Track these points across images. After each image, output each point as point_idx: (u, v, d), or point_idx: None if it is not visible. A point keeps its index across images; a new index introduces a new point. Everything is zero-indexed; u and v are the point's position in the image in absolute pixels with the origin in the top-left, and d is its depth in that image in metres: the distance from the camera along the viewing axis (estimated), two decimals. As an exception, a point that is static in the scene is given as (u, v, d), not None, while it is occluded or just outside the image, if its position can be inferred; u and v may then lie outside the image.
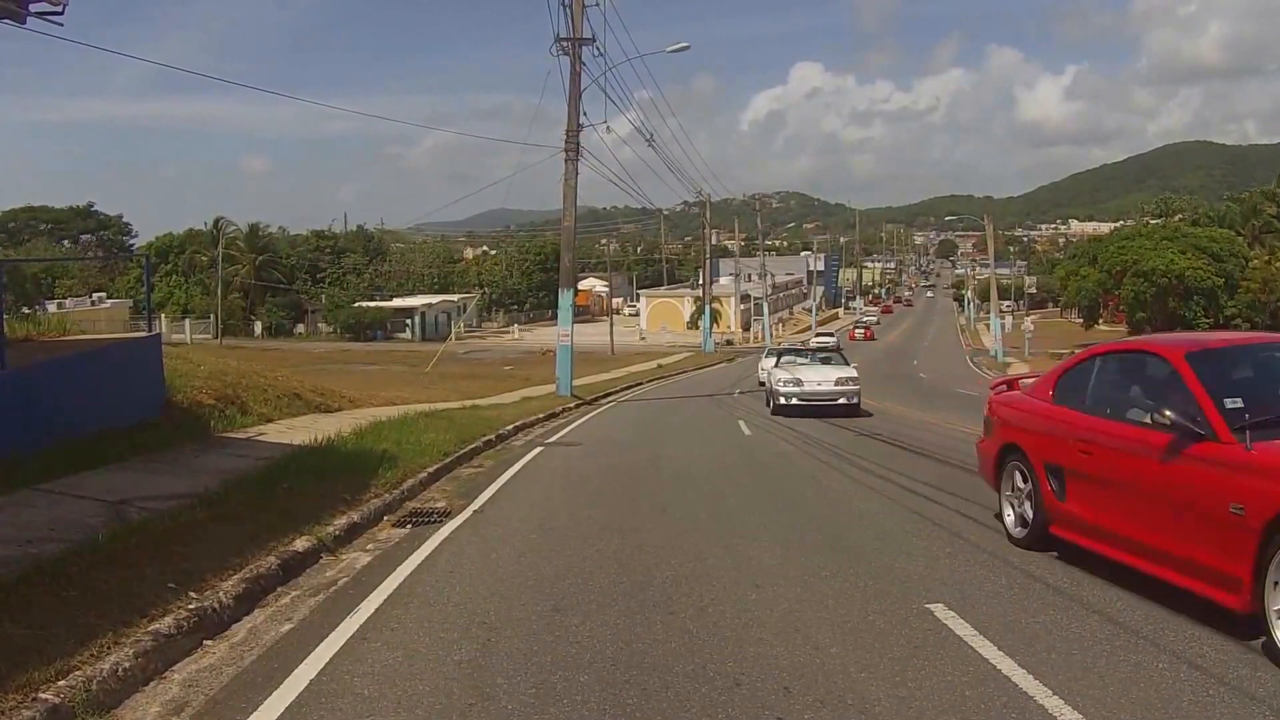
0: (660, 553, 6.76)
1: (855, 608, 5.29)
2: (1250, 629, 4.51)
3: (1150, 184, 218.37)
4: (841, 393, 19.27)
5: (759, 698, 4.02)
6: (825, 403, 19.11)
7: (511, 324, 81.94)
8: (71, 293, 69.01)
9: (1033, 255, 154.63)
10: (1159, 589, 5.23)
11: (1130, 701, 3.88)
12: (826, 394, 19.30)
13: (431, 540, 7.29)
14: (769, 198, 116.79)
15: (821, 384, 19.50)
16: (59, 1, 7.88)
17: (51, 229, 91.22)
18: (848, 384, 19.52)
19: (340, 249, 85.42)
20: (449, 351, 49.81)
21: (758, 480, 10.61)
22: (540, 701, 4.02)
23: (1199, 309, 57.42)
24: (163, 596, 5.04)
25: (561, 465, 12.09)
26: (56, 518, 6.66)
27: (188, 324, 66.85)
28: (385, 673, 4.42)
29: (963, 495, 8.78)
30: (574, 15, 23.27)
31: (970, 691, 4.01)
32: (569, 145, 23.58)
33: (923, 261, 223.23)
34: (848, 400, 19.20)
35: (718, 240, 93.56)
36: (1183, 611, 5.00)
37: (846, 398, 19.20)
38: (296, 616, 5.40)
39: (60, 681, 3.91)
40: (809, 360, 22.04)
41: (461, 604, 5.55)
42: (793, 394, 19.29)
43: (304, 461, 9.51)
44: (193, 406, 12.46)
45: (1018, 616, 5.04)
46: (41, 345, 11.97)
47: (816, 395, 19.25)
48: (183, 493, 7.64)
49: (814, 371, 20.35)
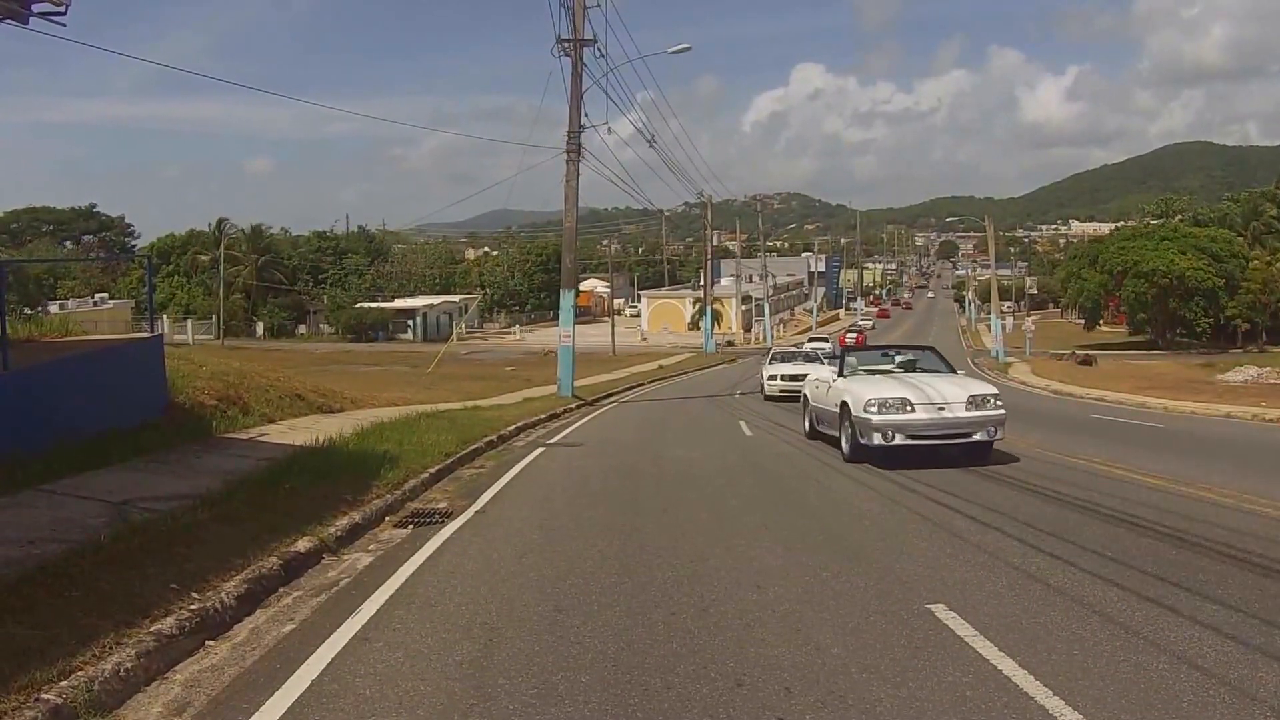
0: (662, 553, 6.76)
1: (856, 608, 5.29)
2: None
3: (1151, 185, 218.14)
4: (978, 423, 10.87)
5: (760, 698, 4.02)
6: (950, 439, 10.99)
7: (513, 325, 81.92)
8: (74, 294, 69.08)
9: (1033, 256, 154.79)
10: (1160, 588, 5.23)
11: (1130, 701, 3.88)
12: (955, 426, 10.89)
13: (433, 541, 7.30)
14: (770, 199, 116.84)
15: (946, 408, 10.87)
16: (61, 2, 7.90)
17: (54, 230, 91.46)
18: (986, 406, 10.94)
19: (342, 250, 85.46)
20: (450, 352, 49.81)
21: (759, 481, 10.61)
22: (542, 702, 4.02)
23: (1199, 309, 57.39)
24: (165, 597, 5.05)
25: (563, 466, 12.09)
26: (59, 518, 6.67)
27: (190, 325, 66.89)
28: (387, 673, 4.43)
29: (964, 496, 8.79)
30: (575, 16, 23.30)
31: (971, 692, 4.01)
32: (570, 146, 23.60)
33: (924, 263, 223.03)
34: (988, 435, 10.93)
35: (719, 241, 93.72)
36: (1183, 611, 5.01)
37: (986, 430, 10.90)
38: (298, 617, 5.41)
39: (62, 682, 3.92)
40: (897, 368, 13.25)
41: (463, 604, 5.56)
42: (896, 426, 10.76)
43: (306, 462, 9.53)
44: (195, 407, 12.48)
45: (1018, 617, 5.04)
46: (44, 346, 11.99)
47: (937, 429, 10.86)
48: (185, 493, 7.66)
49: (926, 387, 11.20)
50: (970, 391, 11.09)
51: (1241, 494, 8.56)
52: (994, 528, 7.31)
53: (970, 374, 14.49)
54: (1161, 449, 13.05)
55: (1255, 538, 6.69)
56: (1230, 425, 17.49)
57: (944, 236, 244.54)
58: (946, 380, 11.76)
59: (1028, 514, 7.78)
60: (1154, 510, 7.88)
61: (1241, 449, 13.33)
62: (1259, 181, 75.69)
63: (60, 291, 70.06)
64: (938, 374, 12.41)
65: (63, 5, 7.92)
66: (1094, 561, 6.14)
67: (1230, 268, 57.15)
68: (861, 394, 11.16)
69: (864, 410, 10.88)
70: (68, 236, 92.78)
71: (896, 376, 12.25)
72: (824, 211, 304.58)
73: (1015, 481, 9.75)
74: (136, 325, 44.40)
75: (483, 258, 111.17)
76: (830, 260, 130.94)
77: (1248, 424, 17.60)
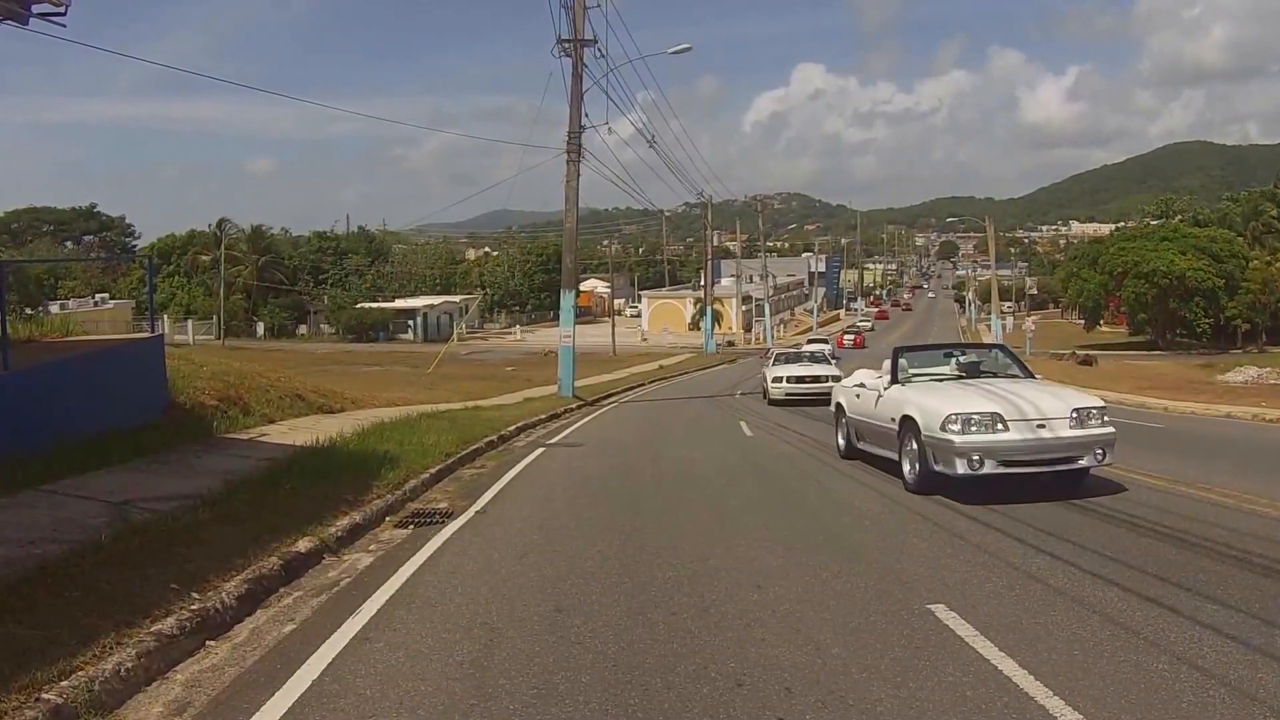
0: (662, 553, 6.77)
1: (857, 608, 5.29)
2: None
3: (1151, 185, 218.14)
4: (1084, 445, 8.50)
5: (761, 698, 4.02)
6: (1050, 466, 8.59)
7: (513, 325, 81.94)
8: (74, 294, 69.09)
9: (1034, 256, 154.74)
10: (1160, 588, 5.23)
11: (1130, 701, 3.88)
12: (1057, 449, 8.47)
13: (434, 541, 7.31)
14: (770, 199, 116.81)
15: (1046, 425, 8.49)
16: (61, 2, 7.91)
17: (54, 230, 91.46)
18: (1092, 423, 8.61)
19: (343, 250, 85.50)
20: (451, 352, 49.80)
21: (759, 481, 10.61)
22: (542, 702, 4.03)
23: (1199, 310, 57.37)
24: (165, 597, 5.06)
25: (563, 466, 12.10)
26: (60, 518, 6.68)
27: (190, 325, 66.91)
28: (388, 673, 4.44)
29: (962, 496, 8.77)
30: (575, 17, 23.31)
31: (971, 692, 4.02)
32: (571, 146, 23.61)
33: (924, 263, 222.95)
34: (1094, 460, 8.57)
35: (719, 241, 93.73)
36: (1183, 611, 5.01)
37: (1093, 454, 8.53)
38: (299, 617, 5.42)
39: (63, 682, 3.93)
40: (960, 370, 10.61)
41: (464, 604, 5.57)
42: (986, 449, 8.30)
43: (306, 462, 9.54)
44: (195, 407, 12.48)
45: (1019, 617, 5.04)
46: (45, 346, 11.99)
47: (1036, 453, 8.44)
48: (185, 493, 7.66)
49: (1017, 399, 8.75)
50: (1073, 404, 8.67)
51: (1242, 494, 8.55)
52: (994, 528, 7.31)
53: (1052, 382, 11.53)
54: (1162, 449, 13.03)
55: (1256, 538, 6.69)
56: (1231, 425, 17.47)
57: (944, 237, 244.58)
58: (1036, 389, 9.32)
59: (1026, 514, 7.78)
60: (1154, 510, 7.88)
61: (1242, 449, 13.32)
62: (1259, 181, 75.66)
63: (61, 292, 70.07)
64: (1014, 380, 9.92)
65: (62, 6, 7.93)
66: (1094, 561, 6.14)
67: (1230, 268, 57.13)
68: (938, 408, 8.67)
69: (943, 429, 8.41)
70: (68, 236, 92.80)
71: (969, 383, 9.74)
72: (824, 212, 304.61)
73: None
74: (137, 325, 44.42)
75: (483, 258, 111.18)
76: (830, 260, 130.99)
77: (1248, 424, 17.58)
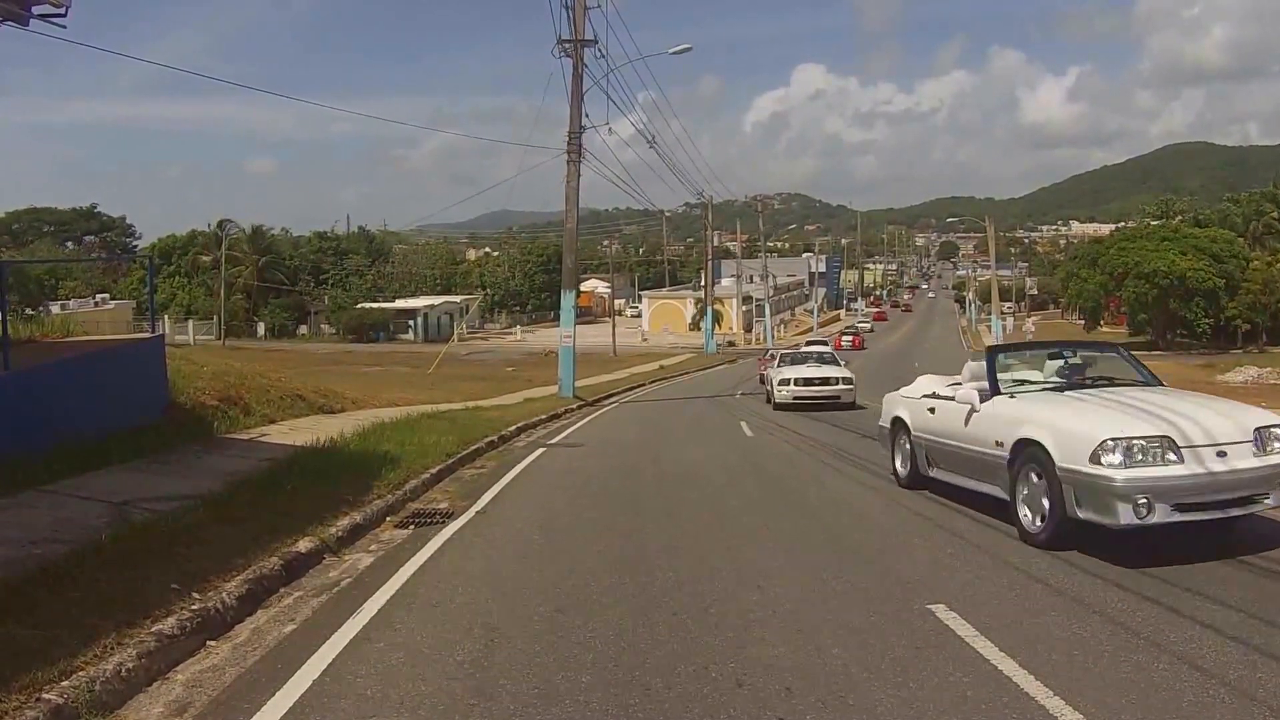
0: (662, 553, 6.77)
1: (857, 608, 5.29)
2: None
3: (1151, 185, 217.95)
4: (1271, 479, 6.36)
5: (761, 698, 4.03)
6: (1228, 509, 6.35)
7: (514, 325, 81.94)
8: (75, 294, 69.03)
9: (1034, 257, 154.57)
10: (1160, 588, 5.23)
11: (1130, 701, 3.88)
12: (1239, 487, 6.29)
13: (434, 541, 7.31)
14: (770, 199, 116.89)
15: (1226, 452, 6.26)
16: (61, 3, 7.91)
17: (55, 230, 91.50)
18: (1275, 448, 6.43)
19: (343, 250, 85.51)
20: (451, 353, 49.80)
21: (760, 481, 10.61)
22: (543, 702, 4.03)
23: (1199, 310, 57.35)
24: (166, 597, 5.06)
25: (564, 466, 12.10)
26: (60, 519, 6.68)
27: (191, 325, 66.91)
28: (388, 673, 4.44)
29: (960, 496, 8.77)
30: (575, 17, 23.31)
31: (972, 692, 4.02)
32: (571, 147, 23.62)
33: (924, 263, 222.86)
34: None
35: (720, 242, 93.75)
36: (1183, 611, 5.01)
37: None
38: (299, 617, 5.42)
39: (64, 682, 3.93)
40: (1061, 376, 8.31)
41: (464, 604, 5.57)
42: (1157, 489, 6.07)
43: (307, 463, 9.54)
44: (196, 407, 12.48)
45: (1019, 617, 5.05)
46: (45, 347, 11.99)
47: (1216, 492, 6.21)
48: (186, 494, 7.66)
49: (1179, 417, 6.49)
50: (1252, 422, 6.55)
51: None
52: (994, 528, 7.31)
53: None
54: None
55: (1255, 538, 6.68)
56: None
57: (944, 237, 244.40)
58: (1192, 403, 7.10)
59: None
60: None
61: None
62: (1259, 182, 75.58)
63: (61, 292, 70.00)
64: (1145, 388, 7.78)
65: (63, 6, 7.92)
66: (1094, 561, 6.14)
67: (1230, 268, 57.12)
68: (1085, 429, 6.41)
69: (1095, 460, 6.18)
70: (69, 237, 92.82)
71: (1100, 394, 7.51)
72: (825, 212, 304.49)
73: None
74: (138, 325, 44.37)
75: (483, 258, 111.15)
76: (831, 261, 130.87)
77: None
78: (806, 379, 21.25)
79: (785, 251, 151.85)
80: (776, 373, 22.44)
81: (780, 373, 22.15)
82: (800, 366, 22.38)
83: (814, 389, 21.04)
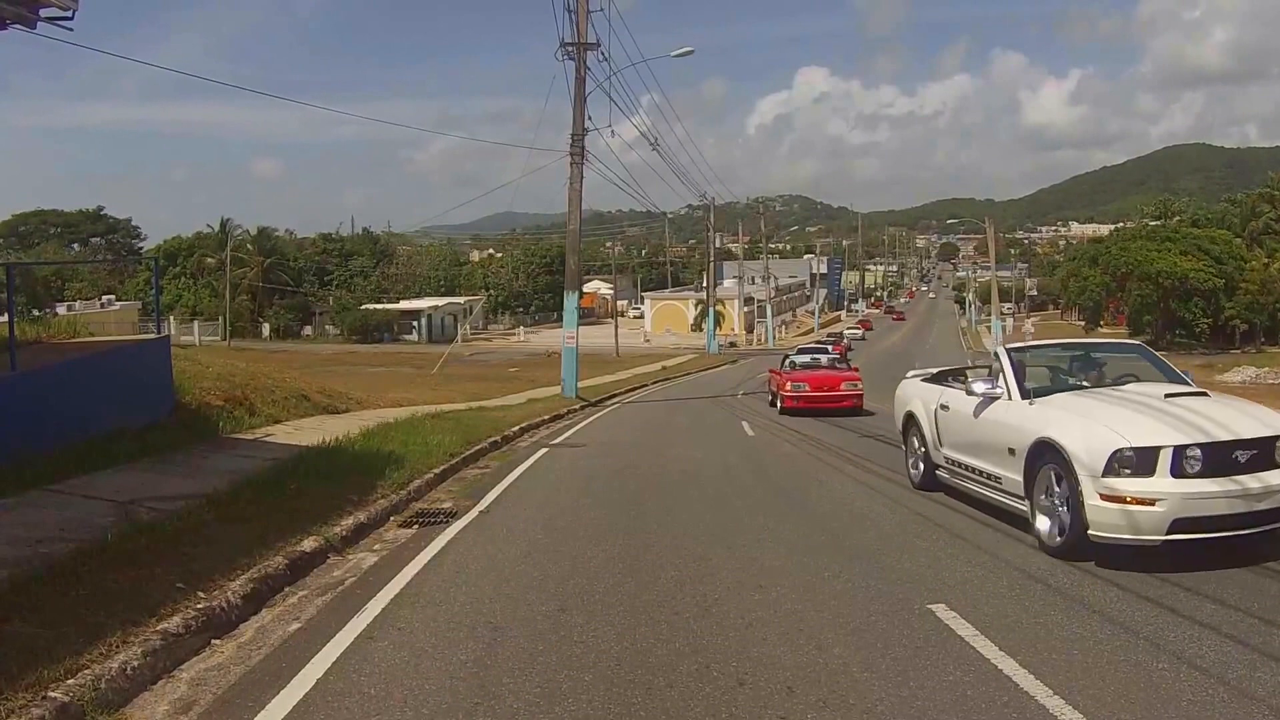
0: (665, 553, 6.79)
1: (858, 608, 5.31)
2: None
3: (1151, 186, 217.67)
4: None
5: (762, 698, 4.05)
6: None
7: (517, 326, 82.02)
8: (81, 295, 69.33)
9: (1034, 257, 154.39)
10: (1160, 588, 5.24)
11: (1130, 701, 3.90)
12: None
13: (438, 541, 7.33)
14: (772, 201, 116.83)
15: None
16: (68, 6, 7.94)
17: (61, 232, 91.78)
18: None
19: (347, 252, 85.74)
20: (455, 354, 49.86)
21: (761, 481, 10.63)
22: (546, 701, 4.05)
23: (1199, 310, 57.32)
24: (171, 596, 5.08)
25: (567, 466, 12.12)
26: (66, 518, 6.71)
27: (196, 326, 67.00)
28: (392, 672, 4.47)
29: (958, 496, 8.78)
30: (578, 20, 23.36)
31: (972, 691, 4.04)
32: (574, 149, 23.66)
33: (925, 265, 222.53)
34: None
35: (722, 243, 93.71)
36: (1183, 611, 5.03)
37: None
38: (304, 616, 5.44)
39: (69, 680, 3.95)
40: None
41: (467, 604, 5.59)
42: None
43: (312, 462, 9.57)
44: (201, 408, 12.52)
45: (1019, 617, 5.06)
46: (52, 347, 12.04)
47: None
48: (191, 493, 7.70)
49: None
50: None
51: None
52: (994, 527, 7.32)
53: None
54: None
55: (1255, 538, 6.68)
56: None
57: (945, 238, 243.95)
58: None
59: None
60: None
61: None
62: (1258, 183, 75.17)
63: (68, 293, 70.27)
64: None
65: (70, 9, 7.96)
66: (1093, 562, 6.14)
67: (1229, 269, 57.12)
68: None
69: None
70: (75, 239, 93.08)
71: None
72: (826, 213, 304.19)
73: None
74: (143, 326, 44.43)
75: (487, 260, 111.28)
76: (832, 262, 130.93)
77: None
78: None
79: (787, 253, 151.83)
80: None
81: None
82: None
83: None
